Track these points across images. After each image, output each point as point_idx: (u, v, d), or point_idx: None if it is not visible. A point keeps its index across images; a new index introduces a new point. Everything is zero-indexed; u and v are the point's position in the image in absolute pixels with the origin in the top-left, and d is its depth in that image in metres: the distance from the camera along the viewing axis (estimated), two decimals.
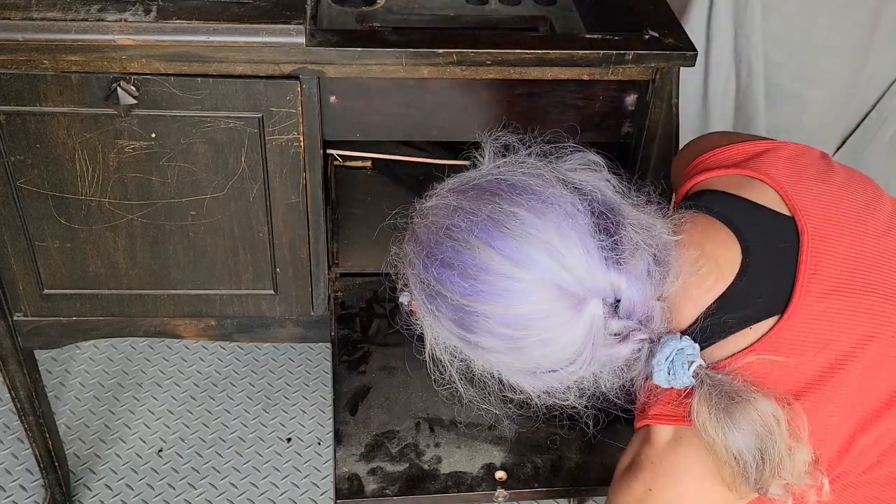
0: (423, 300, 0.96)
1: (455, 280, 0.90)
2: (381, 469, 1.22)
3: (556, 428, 1.29)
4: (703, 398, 0.91)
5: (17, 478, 1.78)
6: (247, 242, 1.31)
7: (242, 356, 2.06)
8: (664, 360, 0.94)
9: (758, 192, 1.03)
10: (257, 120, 1.18)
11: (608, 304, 0.92)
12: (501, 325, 0.90)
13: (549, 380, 0.96)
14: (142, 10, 1.11)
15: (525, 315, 0.90)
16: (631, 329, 0.94)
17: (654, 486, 0.97)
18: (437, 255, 0.92)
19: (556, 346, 0.91)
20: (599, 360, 0.94)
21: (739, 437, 0.89)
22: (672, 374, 0.94)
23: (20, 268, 1.30)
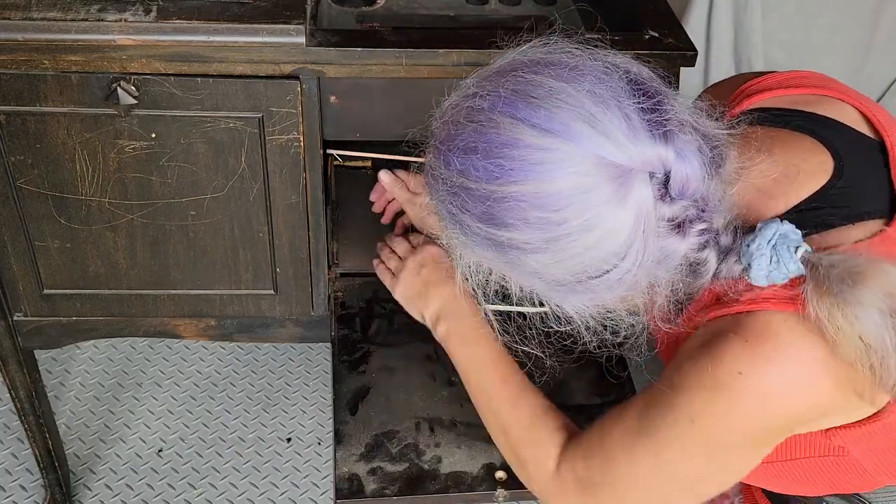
0: (447, 208, 0.84)
1: (479, 164, 0.79)
2: (381, 469, 1.22)
3: None
4: (820, 282, 0.78)
5: (17, 478, 1.78)
6: (247, 242, 1.31)
7: (242, 356, 2.06)
8: (766, 245, 0.82)
9: (836, 110, 0.94)
10: (257, 120, 1.18)
11: (657, 180, 0.80)
12: (536, 209, 0.78)
13: (598, 291, 0.84)
14: (142, 10, 1.11)
15: (562, 192, 0.77)
16: (687, 216, 0.82)
17: (750, 367, 0.82)
18: (457, 143, 0.81)
19: (601, 231, 0.79)
20: (654, 256, 0.82)
21: (876, 316, 0.76)
22: (776, 261, 0.82)
23: (20, 268, 1.30)
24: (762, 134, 0.90)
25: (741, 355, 0.83)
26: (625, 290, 0.84)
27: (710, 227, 0.84)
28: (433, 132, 0.87)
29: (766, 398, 0.83)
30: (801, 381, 0.83)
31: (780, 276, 0.82)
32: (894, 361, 0.77)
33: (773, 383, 0.82)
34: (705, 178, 0.81)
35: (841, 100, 0.95)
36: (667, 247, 0.82)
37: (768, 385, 0.82)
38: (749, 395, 0.83)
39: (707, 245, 0.84)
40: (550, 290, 0.86)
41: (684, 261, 0.84)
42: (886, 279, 0.77)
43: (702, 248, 0.84)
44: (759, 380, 0.82)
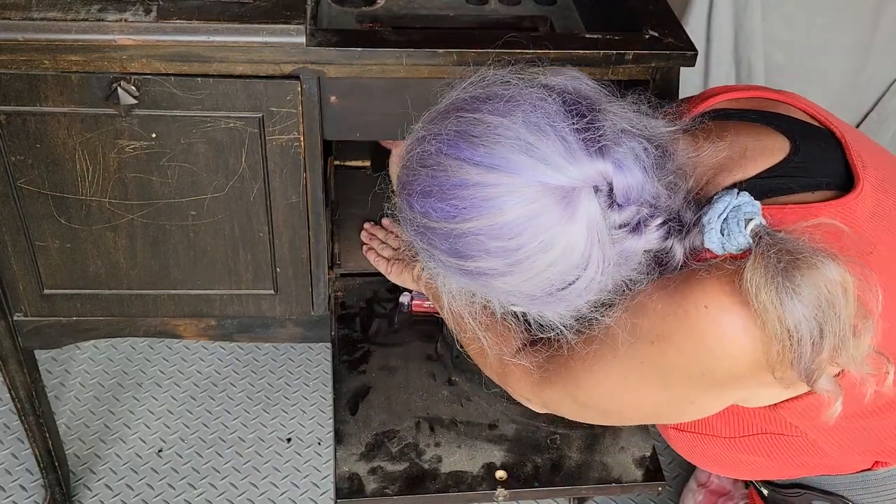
0: (418, 243, 0.91)
1: (436, 206, 0.86)
2: (382, 468, 1.22)
3: (557, 427, 1.29)
4: (760, 257, 0.81)
5: (17, 478, 1.78)
6: (247, 242, 1.31)
7: (242, 356, 2.06)
8: (716, 219, 0.85)
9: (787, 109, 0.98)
10: (257, 120, 1.18)
11: (602, 193, 0.85)
12: (493, 240, 0.84)
13: (570, 299, 0.89)
14: (142, 10, 1.11)
15: (514, 222, 0.83)
16: (640, 217, 0.86)
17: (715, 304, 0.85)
18: (415, 188, 0.87)
19: (557, 249, 0.84)
20: (616, 260, 0.87)
21: (798, 307, 0.79)
22: (726, 233, 0.85)
23: (20, 268, 1.30)
24: (716, 125, 0.95)
25: (710, 291, 0.86)
26: (594, 294, 0.89)
27: (668, 217, 0.88)
28: (398, 177, 0.93)
29: (719, 338, 0.86)
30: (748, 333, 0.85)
31: (733, 248, 0.85)
32: (808, 350, 0.80)
33: (729, 325, 0.85)
34: (649, 180, 0.86)
35: (788, 103, 1.01)
36: (626, 249, 0.87)
37: (726, 325, 0.85)
38: (705, 330, 0.87)
39: (669, 234, 0.88)
40: (527, 304, 0.92)
41: (646, 256, 0.88)
42: (821, 273, 0.79)
43: (664, 239, 0.88)
44: (719, 317, 0.85)
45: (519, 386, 1.10)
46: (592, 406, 1.02)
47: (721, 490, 1.72)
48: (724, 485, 1.73)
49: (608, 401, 0.99)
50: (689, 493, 1.77)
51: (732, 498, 1.65)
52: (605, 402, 1.00)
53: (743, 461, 1.03)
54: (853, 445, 0.98)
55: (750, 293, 0.81)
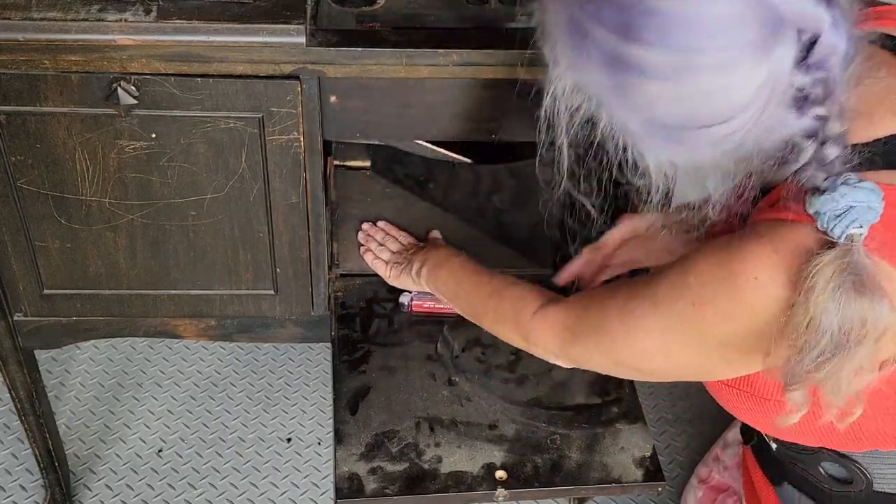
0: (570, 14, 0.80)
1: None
2: (382, 469, 1.22)
3: (557, 427, 1.29)
4: (837, 264, 0.79)
5: (17, 478, 1.78)
6: (247, 242, 1.31)
7: (242, 356, 2.06)
8: (850, 199, 0.81)
9: None
10: (257, 120, 1.18)
11: (801, 43, 0.77)
12: (683, 29, 0.74)
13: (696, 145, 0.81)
14: (142, 10, 1.11)
15: (714, 18, 0.74)
16: (812, 93, 0.79)
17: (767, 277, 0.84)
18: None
19: (733, 78, 0.76)
20: (767, 124, 0.80)
21: (835, 322, 0.79)
22: (839, 217, 0.81)
23: (20, 268, 1.30)
24: (881, 54, 0.89)
25: (765, 261, 0.83)
26: (720, 153, 0.82)
27: (826, 117, 0.81)
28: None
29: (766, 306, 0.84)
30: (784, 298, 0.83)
31: (824, 224, 0.82)
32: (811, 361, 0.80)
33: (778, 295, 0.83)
34: (843, 62, 0.79)
35: None
36: (780, 118, 0.80)
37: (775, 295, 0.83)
38: (752, 298, 0.85)
39: (814, 136, 0.82)
40: (645, 133, 0.83)
41: (787, 141, 0.82)
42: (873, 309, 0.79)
43: (809, 135, 0.82)
44: (769, 287, 0.84)
45: (545, 342, 1.07)
46: (626, 364, 1.00)
47: (722, 486, 1.72)
48: (724, 480, 1.73)
49: (642, 360, 0.97)
50: (690, 489, 1.77)
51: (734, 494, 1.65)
52: (640, 361, 0.98)
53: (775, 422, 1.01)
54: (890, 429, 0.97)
55: (808, 280, 0.80)
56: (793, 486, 1.13)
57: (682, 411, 2.01)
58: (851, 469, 1.04)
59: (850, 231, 0.81)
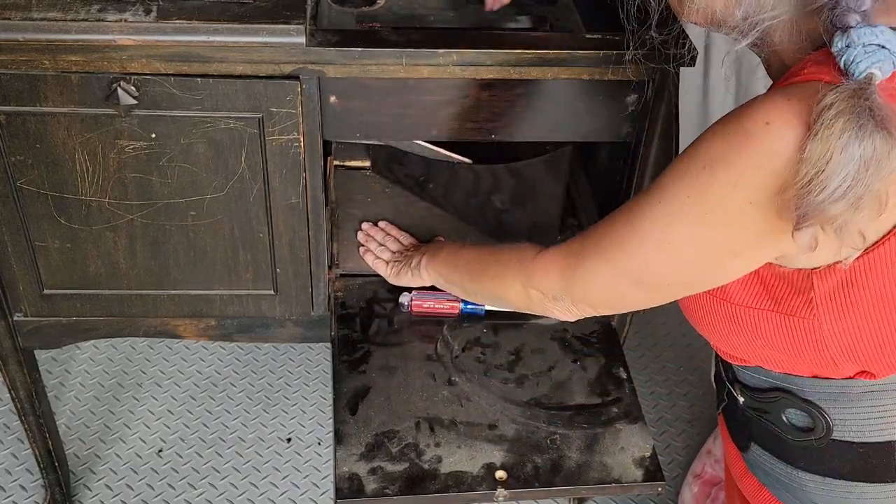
0: None
1: None
2: (382, 469, 1.22)
3: (557, 427, 1.29)
4: (855, 94, 0.79)
5: (17, 478, 1.78)
6: (247, 243, 1.31)
7: (242, 356, 2.06)
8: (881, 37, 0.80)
9: None
10: (257, 120, 1.18)
11: None
12: None
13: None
14: (142, 11, 1.11)
15: None
16: None
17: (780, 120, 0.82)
18: None
19: None
20: None
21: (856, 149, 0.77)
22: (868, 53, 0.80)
23: (20, 268, 1.30)
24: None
25: (777, 107, 0.83)
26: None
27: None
28: None
29: (777, 152, 0.83)
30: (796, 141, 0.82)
31: (848, 58, 0.81)
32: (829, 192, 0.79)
33: (790, 140, 0.82)
34: None
35: None
36: None
37: (787, 139, 0.82)
38: (763, 144, 0.83)
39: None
40: None
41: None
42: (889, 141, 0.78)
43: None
44: (782, 131, 0.82)
45: (547, 281, 1.06)
46: (631, 273, 0.98)
47: (714, 479, 1.72)
48: (717, 474, 1.73)
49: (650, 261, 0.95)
50: (685, 486, 1.78)
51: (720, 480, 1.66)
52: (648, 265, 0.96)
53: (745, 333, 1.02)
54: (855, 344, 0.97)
55: (826, 109, 0.79)
56: (759, 446, 1.13)
57: (682, 411, 2.01)
58: (814, 415, 1.04)
59: (872, 69, 0.80)
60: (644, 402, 1.39)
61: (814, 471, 1.07)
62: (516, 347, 1.39)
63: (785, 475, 1.10)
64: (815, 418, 1.05)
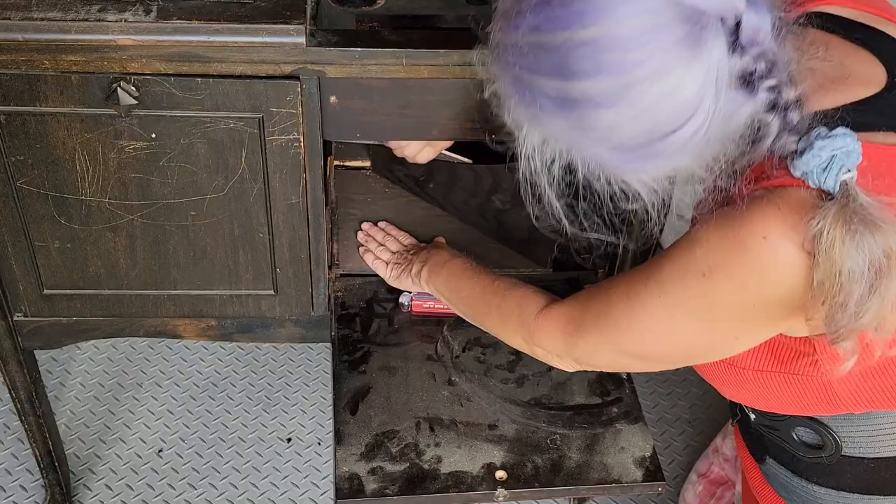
0: (515, 76, 0.84)
1: (553, 14, 0.78)
2: (382, 469, 1.22)
3: (557, 428, 1.29)
4: (843, 211, 0.80)
5: (17, 478, 1.78)
6: (247, 243, 1.31)
7: (242, 356, 2.06)
8: (829, 150, 0.82)
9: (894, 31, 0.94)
10: (257, 120, 1.18)
11: (727, 28, 0.79)
12: (610, 51, 0.77)
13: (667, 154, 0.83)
14: (142, 11, 1.11)
15: (634, 32, 0.77)
16: (757, 70, 0.81)
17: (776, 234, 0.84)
18: (529, 3, 0.80)
19: (674, 79, 0.78)
20: (724, 111, 0.81)
21: (861, 264, 0.79)
22: (826, 169, 0.82)
23: (20, 268, 1.30)
24: (820, 36, 0.91)
25: (770, 219, 0.84)
26: (691, 156, 0.83)
27: (778, 86, 0.82)
28: (496, 10, 0.87)
29: (777, 266, 0.84)
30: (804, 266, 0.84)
31: (814, 181, 0.83)
32: (852, 308, 0.80)
33: (788, 254, 0.83)
34: (774, 34, 0.81)
35: None
36: (736, 103, 0.81)
37: (784, 254, 0.84)
38: (762, 259, 0.85)
39: (775, 107, 0.83)
40: (620, 160, 0.85)
41: (750, 121, 0.84)
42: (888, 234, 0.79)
43: (769, 108, 0.83)
44: (778, 245, 0.84)
45: (549, 341, 1.07)
46: (632, 352, 1.00)
47: (721, 479, 1.72)
48: (725, 473, 1.73)
49: (650, 344, 0.97)
50: (689, 485, 1.77)
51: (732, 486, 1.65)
52: (648, 347, 0.97)
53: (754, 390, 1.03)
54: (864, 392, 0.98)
55: (819, 236, 0.80)
56: (774, 460, 1.14)
57: (682, 411, 2.01)
58: (822, 433, 1.05)
59: (841, 178, 0.82)
60: (644, 402, 1.39)
61: (828, 485, 1.08)
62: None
63: (801, 488, 1.11)
64: (823, 436, 1.06)
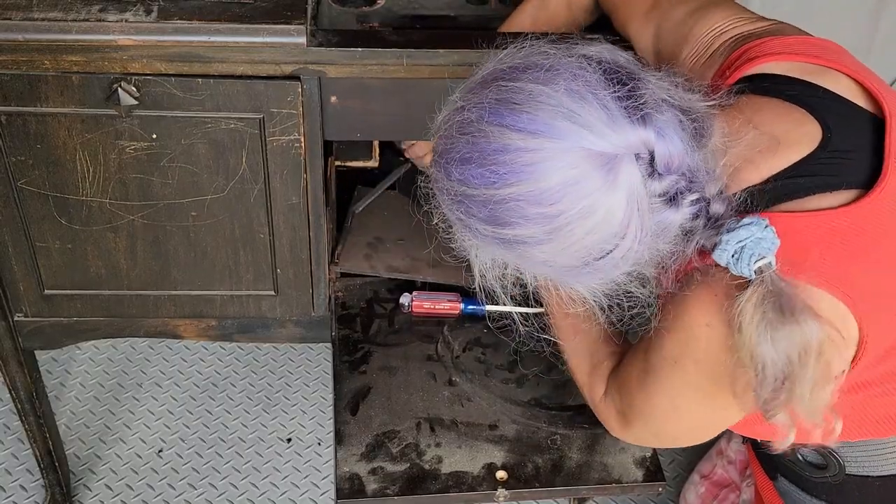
0: (455, 215, 0.91)
1: (476, 172, 0.85)
2: (382, 469, 1.22)
3: (557, 428, 1.29)
4: (755, 298, 0.85)
5: (17, 478, 1.78)
6: (247, 243, 1.31)
7: (242, 356, 2.06)
8: (734, 242, 0.87)
9: (833, 82, 0.97)
10: (258, 121, 1.18)
11: (643, 161, 0.85)
12: (534, 205, 0.84)
13: (605, 270, 0.89)
14: (143, 11, 1.11)
15: (555, 187, 0.83)
16: (678, 188, 0.87)
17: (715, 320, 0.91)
18: (454, 155, 0.87)
19: (597, 216, 0.84)
20: (652, 231, 0.87)
21: (771, 352, 0.84)
22: (737, 259, 0.87)
23: (21, 268, 1.30)
24: (750, 103, 0.95)
25: (708, 307, 0.91)
26: (630, 266, 0.90)
27: (701, 196, 0.88)
28: (433, 146, 0.94)
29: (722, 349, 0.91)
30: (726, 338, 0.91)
31: (734, 270, 0.88)
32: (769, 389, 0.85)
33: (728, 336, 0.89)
34: (689, 151, 0.87)
35: (840, 71, 0.98)
36: (663, 220, 0.88)
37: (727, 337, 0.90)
38: (716, 343, 0.92)
39: (699, 214, 0.89)
40: (561, 276, 0.92)
41: (680, 230, 0.90)
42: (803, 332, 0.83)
43: (695, 217, 0.89)
44: (722, 330, 0.90)
45: (610, 428, 1.15)
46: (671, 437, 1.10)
47: (724, 481, 1.72)
48: (728, 475, 1.73)
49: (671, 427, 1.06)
50: (690, 486, 1.77)
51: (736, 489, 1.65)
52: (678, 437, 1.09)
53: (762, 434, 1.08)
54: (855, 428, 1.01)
55: (734, 322, 0.86)
56: (785, 478, 1.15)
57: None
58: (825, 454, 1.07)
59: (755, 265, 0.86)
60: None
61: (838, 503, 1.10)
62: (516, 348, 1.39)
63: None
64: (827, 457, 1.07)
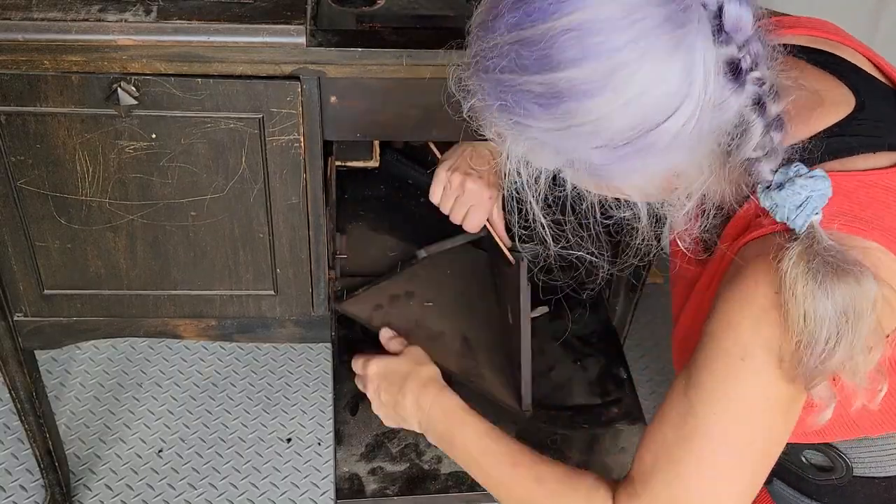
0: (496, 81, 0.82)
1: (530, 8, 0.78)
2: (382, 469, 1.22)
3: (557, 428, 1.29)
4: (808, 251, 0.81)
5: (17, 478, 1.78)
6: (247, 243, 1.31)
7: (242, 356, 2.06)
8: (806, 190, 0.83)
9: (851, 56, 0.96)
10: (258, 120, 1.18)
11: (710, 12, 0.78)
12: (592, 34, 0.76)
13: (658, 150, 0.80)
14: (142, 11, 1.11)
15: (617, 15, 0.76)
16: (743, 61, 0.80)
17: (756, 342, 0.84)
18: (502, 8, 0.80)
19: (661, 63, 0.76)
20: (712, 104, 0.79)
21: (828, 307, 0.79)
22: (797, 207, 0.83)
23: (20, 268, 1.30)
24: (791, 61, 0.90)
25: (773, 275, 0.83)
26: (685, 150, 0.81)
27: (763, 79, 0.81)
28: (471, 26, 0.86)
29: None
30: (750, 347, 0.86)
31: (782, 216, 0.84)
32: (819, 351, 0.80)
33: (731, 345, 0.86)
34: (756, 30, 0.80)
35: (855, 49, 0.97)
36: (725, 93, 0.80)
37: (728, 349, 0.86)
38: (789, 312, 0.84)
39: (761, 101, 0.82)
40: (609, 160, 0.82)
41: (737, 119, 0.82)
42: (859, 284, 0.80)
43: (756, 104, 0.82)
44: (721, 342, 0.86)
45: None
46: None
47: None
48: None
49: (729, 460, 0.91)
50: None
51: None
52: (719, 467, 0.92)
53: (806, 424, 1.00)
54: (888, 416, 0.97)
55: (785, 281, 0.81)
56: (781, 481, 1.13)
57: None
58: (832, 456, 1.04)
59: (810, 219, 0.83)
60: (644, 403, 1.39)
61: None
62: None
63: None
64: (834, 459, 1.05)
